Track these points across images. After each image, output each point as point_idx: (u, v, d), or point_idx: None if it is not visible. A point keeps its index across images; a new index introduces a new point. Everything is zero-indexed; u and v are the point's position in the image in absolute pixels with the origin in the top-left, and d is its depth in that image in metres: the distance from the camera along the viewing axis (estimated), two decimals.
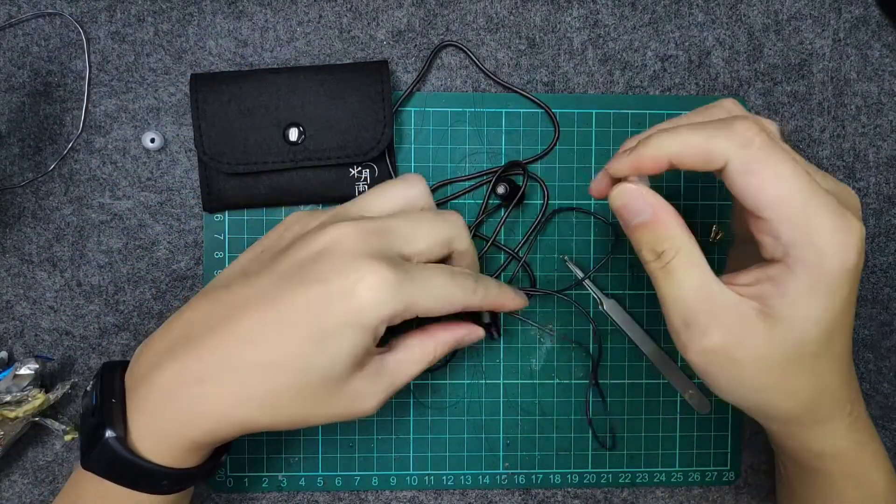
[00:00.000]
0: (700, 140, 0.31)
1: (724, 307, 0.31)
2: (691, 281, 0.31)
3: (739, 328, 0.31)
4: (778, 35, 0.49)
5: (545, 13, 0.48)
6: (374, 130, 0.45)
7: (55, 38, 0.46)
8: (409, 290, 0.32)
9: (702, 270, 0.32)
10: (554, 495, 0.50)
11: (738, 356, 0.31)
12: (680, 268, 0.31)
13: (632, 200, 0.33)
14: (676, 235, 0.32)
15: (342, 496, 0.49)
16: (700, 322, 0.31)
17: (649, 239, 0.32)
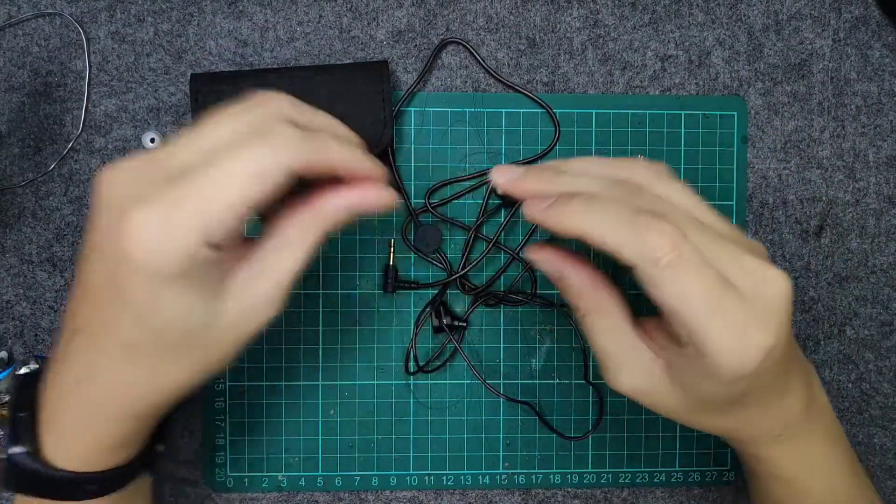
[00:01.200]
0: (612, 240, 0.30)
1: (632, 361, 0.33)
2: (602, 337, 0.34)
3: (644, 380, 0.33)
4: (778, 35, 0.49)
5: (545, 13, 0.48)
6: (374, 130, 0.45)
7: (55, 38, 0.46)
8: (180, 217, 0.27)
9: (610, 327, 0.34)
10: (554, 495, 0.50)
11: (646, 399, 0.34)
12: (592, 325, 0.34)
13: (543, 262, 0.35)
14: (584, 296, 0.34)
15: (342, 496, 0.49)
16: (609, 368, 0.34)
17: (564, 293, 0.35)
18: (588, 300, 0.34)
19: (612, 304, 0.34)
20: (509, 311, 0.48)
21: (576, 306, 0.34)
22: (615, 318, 0.34)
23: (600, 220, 0.30)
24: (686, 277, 0.29)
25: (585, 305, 0.34)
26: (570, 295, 0.34)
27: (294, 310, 0.48)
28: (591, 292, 0.34)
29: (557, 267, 0.34)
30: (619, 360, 0.34)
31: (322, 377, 0.48)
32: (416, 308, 0.48)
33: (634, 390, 0.34)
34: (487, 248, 0.47)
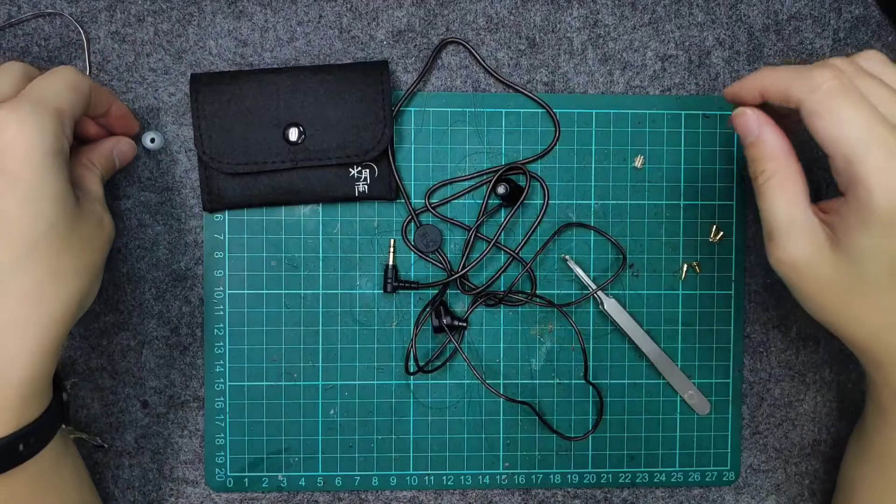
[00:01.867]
0: (784, 81, 0.35)
1: (801, 229, 0.36)
2: (779, 202, 0.36)
3: (810, 249, 0.35)
4: (778, 35, 0.49)
5: (545, 13, 0.48)
6: (374, 130, 0.45)
7: (55, 38, 0.46)
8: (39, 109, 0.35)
9: (791, 194, 0.36)
10: (554, 495, 0.50)
11: (806, 273, 0.36)
12: (772, 189, 0.36)
13: (745, 122, 0.38)
14: (776, 159, 0.36)
15: (342, 496, 0.49)
16: (779, 237, 0.36)
17: (754, 157, 0.37)
18: (779, 163, 0.36)
19: (798, 173, 0.36)
20: (509, 311, 0.48)
21: (762, 170, 0.37)
22: (797, 186, 0.36)
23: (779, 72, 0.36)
24: (844, 103, 0.33)
25: (775, 168, 0.36)
26: (762, 157, 0.37)
27: (294, 310, 0.48)
28: (783, 156, 0.36)
29: (758, 126, 0.37)
30: (791, 228, 0.36)
31: (322, 377, 0.48)
32: (416, 308, 0.48)
33: (796, 258, 0.36)
34: (487, 248, 0.47)
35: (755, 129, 0.37)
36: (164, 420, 0.48)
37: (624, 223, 0.49)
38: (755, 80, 0.37)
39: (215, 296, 0.47)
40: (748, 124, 0.38)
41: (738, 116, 0.38)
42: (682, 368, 0.49)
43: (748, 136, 0.38)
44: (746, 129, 0.38)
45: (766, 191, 0.37)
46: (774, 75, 0.36)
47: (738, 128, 0.38)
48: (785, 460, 0.50)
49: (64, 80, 0.37)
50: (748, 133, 0.38)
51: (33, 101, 0.35)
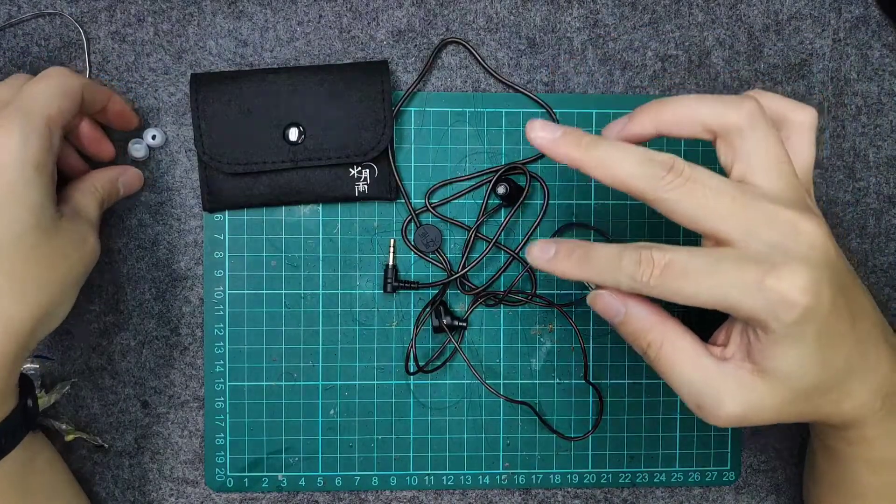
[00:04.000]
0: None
1: (723, 381, 0.32)
2: (683, 367, 0.33)
3: (745, 394, 0.32)
4: (778, 35, 0.49)
5: (545, 13, 0.48)
6: (374, 130, 0.45)
7: (55, 38, 0.46)
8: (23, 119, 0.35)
9: (690, 354, 0.33)
10: (554, 495, 0.50)
11: (754, 417, 0.33)
12: (669, 357, 0.33)
13: (605, 304, 0.34)
14: (653, 328, 0.33)
15: (342, 496, 0.49)
16: (708, 402, 0.33)
17: (631, 334, 0.34)
18: (659, 332, 0.33)
19: (684, 331, 0.34)
20: (509, 311, 0.48)
21: (646, 344, 0.34)
22: (690, 344, 0.33)
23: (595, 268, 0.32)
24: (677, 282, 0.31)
25: (657, 338, 0.33)
26: (639, 333, 0.34)
27: (294, 310, 0.48)
28: (661, 323, 0.33)
29: (620, 305, 0.34)
30: (713, 387, 0.32)
31: (322, 377, 0.48)
32: (416, 308, 0.48)
33: (741, 410, 0.32)
34: (487, 248, 0.47)
35: (620, 308, 0.34)
36: (164, 420, 0.48)
37: (624, 223, 0.49)
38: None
39: (215, 296, 0.47)
40: (608, 304, 0.34)
41: (595, 301, 0.34)
42: None
43: (615, 317, 0.34)
44: (609, 309, 0.34)
45: (663, 362, 0.33)
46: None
47: (600, 311, 0.35)
48: (785, 460, 0.50)
49: (53, 85, 0.37)
50: (613, 314, 0.34)
51: (22, 112, 0.35)
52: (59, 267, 0.37)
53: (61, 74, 0.38)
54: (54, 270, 0.37)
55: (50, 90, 0.37)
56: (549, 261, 0.33)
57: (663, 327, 0.33)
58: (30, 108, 0.36)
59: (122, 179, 0.44)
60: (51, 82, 0.37)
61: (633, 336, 0.34)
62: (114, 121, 0.44)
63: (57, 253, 0.37)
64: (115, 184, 0.44)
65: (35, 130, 0.35)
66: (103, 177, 0.43)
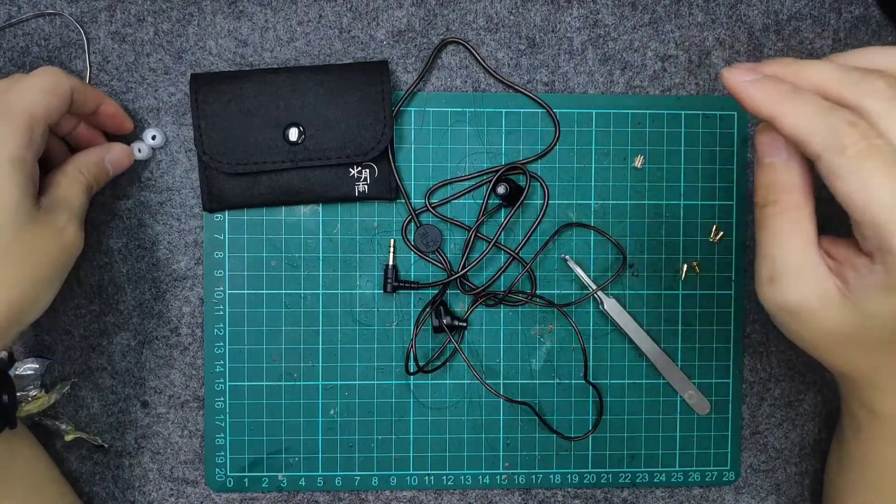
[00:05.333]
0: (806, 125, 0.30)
1: (811, 275, 0.32)
2: (790, 242, 0.32)
3: (817, 298, 0.32)
4: (778, 35, 0.49)
5: (545, 13, 0.48)
6: (374, 130, 0.45)
7: (55, 38, 0.46)
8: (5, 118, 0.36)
9: (803, 235, 0.32)
10: (554, 495, 0.50)
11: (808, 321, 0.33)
12: (784, 225, 0.32)
13: (771, 142, 0.32)
14: (794, 191, 0.32)
15: (342, 496, 0.49)
16: (785, 281, 0.32)
17: (770, 182, 0.33)
18: (797, 197, 0.32)
19: (813, 213, 0.32)
20: (509, 311, 0.48)
21: (775, 200, 0.32)
22: (811, 227, 0.32)
23: (798, 107, 0.30)
24: (873, 168, 0.28)
25: (791, 201, 0.32)
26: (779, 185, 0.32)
27: (294, 310, 0.48)
28: (804, 190, 0.32)
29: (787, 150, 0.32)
30: (798, 270, 0.32)
31: (322, 377, 0.48)
32: (416, 308, 0.48)
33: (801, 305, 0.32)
34: (487, 248, 0.47)
35: (783, 153, 0.32)
36: (164, 420, 0.48)
37: (624, 223, 0.49)
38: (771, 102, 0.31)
39: (215, 296, 0.47)
40: (775, 145, 0.32)
41: (765, 132, 0.32)
42: (682, 368, 0.49)
43: (771, 156, 0.32)
44: (772, 148, 0.32)
45: (776, 226, 0.32)
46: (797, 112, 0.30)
47: (763, 145, 0.32)
48: (785, 460, 0.50)
49: (39, 84, 0.37)
50: (774, 153, 0.32)
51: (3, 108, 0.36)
52: (33, 263, 0.37)
53: (50, 73, 0.38)
54: (29, 266, 0.37)
55: (36, 88, 0.37)
56: (748, 83, 0.31)
57: (804, 197, 0.32)
58: (11, 105, 0.36)
59: (109, 158, 0.43)
60: (38, 80, 0.38)
61: (770, 186, 0.32)
62: (107, 124, 0.44)
63: (32, 248, 0.37)
64: (102, 165, 0.43)
65: (14, 126, 0.36)
66: (87, 159, 0.42)
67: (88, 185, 0.41)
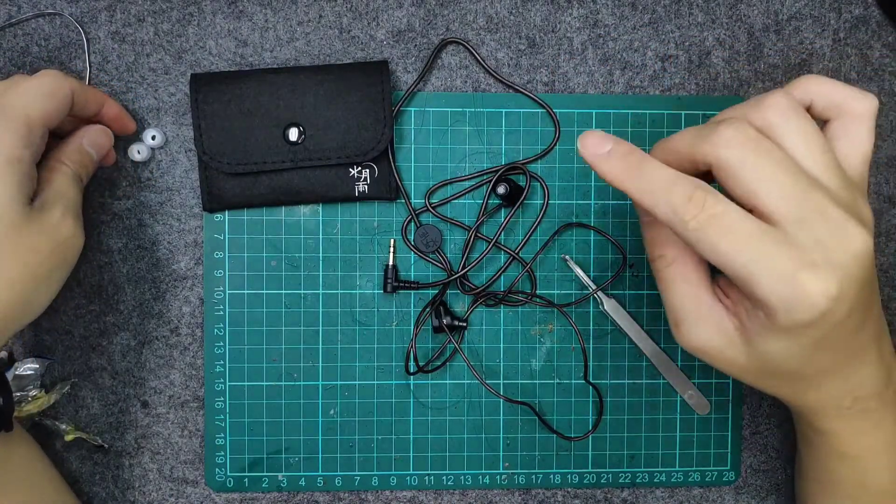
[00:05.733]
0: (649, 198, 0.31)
1: (708, 319, 0.34)
2: (682, 291, 0.34)
3: (720, 339, 0.34)
4: (778, 35, 0.49)
5: (545, 13, 0.48)
6: (374, 130, 0.45)
7: (55, 38, 0.46)
8: None
9: (692, 282, 0.34)
10: (554, 495, 0.50)
11: (719, 359, 0.34)
12: (673, 276, 0.34)
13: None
14: (676, 244, 0.34)
15: (342, 496, 0.49)
16: (686, 326, 0.34)
17: (651, 238, 0.35)
18: (680, 250, 0.34)
19: (698, 260, 0.34)
20: (509, 311, 0.48)
21: (660, 255, 0.35)
22: (699, 271, 0.34)
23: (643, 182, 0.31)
24: (715, 236, 0.29)
25: (675, 254, 0.34)
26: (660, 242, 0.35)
27: (294, 309, 0.48)
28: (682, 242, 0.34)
29: None
30: (696, 315, 0.34)
31: (322, 377, 0.48)
32: (416, 308, 0.48)
33: (706, 347, 0.34)
34: (487, 248, 0.47)
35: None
36: (164, 420, 0.48)
37: (624, 223, 0.49)
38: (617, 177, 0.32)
39: (215, 296, 0.47)
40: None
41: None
42: (682, 368, 0.49)
43: (647, 215, 0.35)
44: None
45: (667, 277, 0.34)
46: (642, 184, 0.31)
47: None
48: (785, 460, 0.50)
49: (39, 86, 0.37)
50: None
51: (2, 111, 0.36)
52: (27, 262, 0.36)
53: (50, 76, 0.38)
54: (22, 266, 0.36)
55: (35, 90, 0.37)
56: (599, 156, 0.32)
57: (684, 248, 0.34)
58: (9, 107, 0.36)
59: (87, 141, 0.42)
60: (37, 83, 0.38)
61: (652, 242, 0.35)
62: (109, 125, 0.44)
63: (25, 248, 0.36)
64: (83, 149, 0.42)
65: (12, 128, 0.36)
66: (66, 148, 0.41)
67: (75, 174, 0.40)
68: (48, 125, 0.38)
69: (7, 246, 0.36)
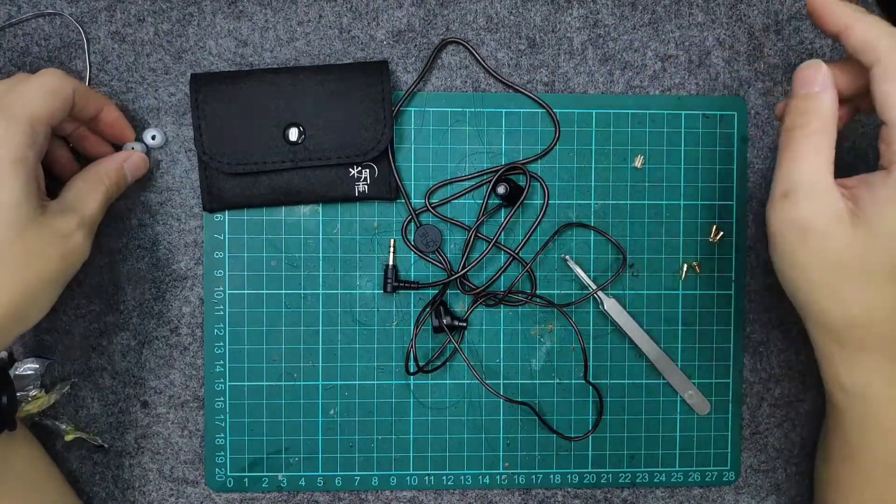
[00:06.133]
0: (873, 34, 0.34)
1: (824, 193, 0.34)
2: (808, 161, 0.35)
3: (828, 216, 0.34)
4: (778, 35, 0.49)
5: (545, 13, 0.48)
6: (374, 130, 0.45)
7: (55, 38, 0.46)
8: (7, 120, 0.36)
9: (822, 157, 0.35)
10: (554, 495, 0.50)
11: (812, 242, 0.34)
12: (806, 146, 0.35)
13: (812, 74, 0.35)
14: (823, 119, 0.35)
15: (342, 496, 0.49)
16: (798, 196, 0.34)
17: (803, 108, 0.35)
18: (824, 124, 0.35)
19: (833, 143, 0.35)
20: (509, 311, 0.48)
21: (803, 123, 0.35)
22: (830, 155, 0.35)
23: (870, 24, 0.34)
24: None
25: (818, 127, 0.35)
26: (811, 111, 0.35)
27: (294, 310, 0.48)
28: (831, 121, 0.35)
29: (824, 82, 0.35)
30: (811, 188, 0.34)
31: (322, 377, 0.48)
32: (416, 308, 0.48)
33: (811, 221, 0.34)
34: (487, 248, 0.47)
35: (820, 84, 0.35)
36: (164, 420, 0.48)
37: (624, 223, 0.49)
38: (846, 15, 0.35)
39: (215, 296, 0.47)
40: (815, 77, 0.35)
41: (808, 67, 0.36)
42: (682, 368, 0.49)
43: (809, 87, 0.36)
44: (811, 80, 0.35)
45: (798, 145, 0.35)
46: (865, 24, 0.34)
47: (802, 78, 0.36)
48: (785, 460, 0.50)
49: (42, 85, 0.37)
50: (811, 83, 0.35)
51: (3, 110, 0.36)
52: (32, 265, 0.36)
53: (53, 75, 0.38)
54: (27, 269, 0.36)
55: (39, 89, 0.37)
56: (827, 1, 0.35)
57: (830, 126, 0.35)
58: (11, 106, 0.36)
59: (128, 165, 0.44)
60: (40, 81, 0.37)
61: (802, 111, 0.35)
62: (106, 131, 0.44)
63: (32, 251, 0.36)
64: (122, 171, 0.43)
65: (15, 127, 0.35)
66: (109, 165, 0.43)
67: (108, 191, 0.42)
68: (52, 124, 0.38)
69: (14, 247, 0.35)
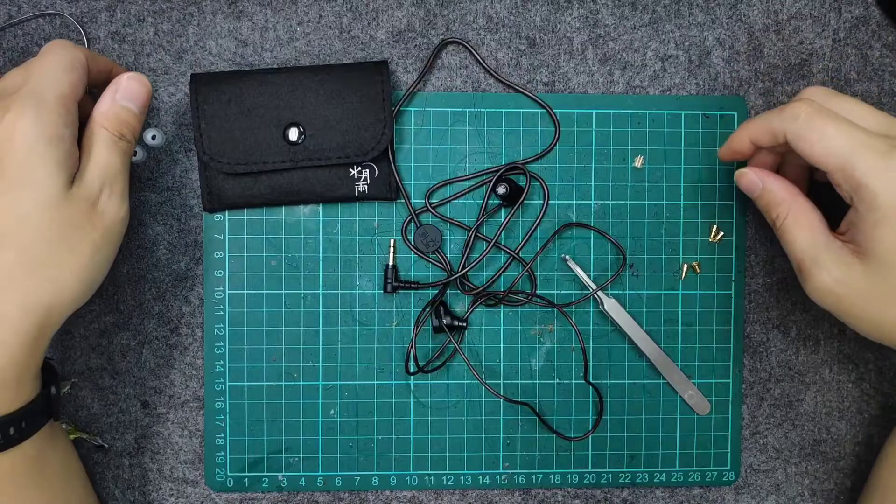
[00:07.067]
0: (765, 123, 0.39)
1: (826, 254, 0.38)
2: (799, 236, 0.39)
3: (840, 270, 0.38)
4: (778, 35, 0.49)
5: (545, 13, 0.48)
6: (374, 130, 0.45)
7: (55, 38, 0.46)
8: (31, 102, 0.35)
9: (807, 226, 0.39)
10: (554, 495, 0.50)
11: (842, 292, 0.38)
12: (789, 227, 0.40)
13: (748, 180, 0.41)
14: (783, 201, 0.40)
15: (342, 496, 0.49)
16: (808, 268, 0.39)
17: (765, 206, 0.41)
18: (788, 203, 0.40)
19: (809, 207, 0.40)
20: (509, 311, 0.48)
21: (776, 215, 0.40)
22: (812, 218, 0.39)
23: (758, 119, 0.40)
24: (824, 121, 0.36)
25: (786, 209, 0.40)
26: (771, 203, 0.40)
27: (294, 310, 0.48)
28: (790, 196, 0.40)
29: (759, 178, 0.41)
30: (816, 257, 0.38)
31: (322, 377, 0.48)
32: (416, 308, 0.48)
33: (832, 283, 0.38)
34: (487, 248, 0.47)
35: (758, 182, 0.41)
36: (164, 420, 0.48)
37: (624, 223, 0.49)
38: (741, 133, 0.41)
39: (215, 296, 0.47)
40: (750, 180, 0.41)
41: (740, 177, 0.42)
42: (682, 368, 0.49)
43: (754, 191, 0.41)
44: (751, 185, 0.41)
45: (785, 230, 0.40)
46: (755, 122, 0.40)
47: (744, 187, 0.42)
48: (785, 460, 0.50)
49: (58, 62, 0.36)
50: (753, 188, 0.41)
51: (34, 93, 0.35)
52: (73, 241, 0.36)
53: (64, 48, 0.37)
54: (68, 245, 0.36)
55: (57, 66, 0.36)
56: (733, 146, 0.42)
57: (792, 200, 0.40)
58: (41, 88, 0.35)
59: (121, 95, 0.39)
60: (55, 59, 0.36)
61: (766, 207, 0.41)
62: None
63: (69, 227, 0.35)
64: (119, 107, 0.38)
65: (48, 108, 0.35)
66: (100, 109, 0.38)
67: (114, 139, 0.38)
68: (78, 98, 0.37)
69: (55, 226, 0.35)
